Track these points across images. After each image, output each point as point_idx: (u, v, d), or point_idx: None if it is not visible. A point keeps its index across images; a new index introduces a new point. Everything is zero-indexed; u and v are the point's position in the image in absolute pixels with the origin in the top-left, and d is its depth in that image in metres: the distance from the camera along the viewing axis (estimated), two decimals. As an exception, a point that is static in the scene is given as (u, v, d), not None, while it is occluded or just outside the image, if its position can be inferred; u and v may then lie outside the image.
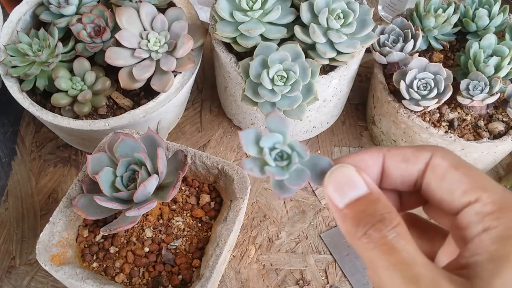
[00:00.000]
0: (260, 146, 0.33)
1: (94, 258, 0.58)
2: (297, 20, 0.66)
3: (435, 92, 0.65)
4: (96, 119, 0.68)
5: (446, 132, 0.68)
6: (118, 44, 0.67)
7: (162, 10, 0.71)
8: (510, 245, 0.27)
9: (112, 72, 0.69)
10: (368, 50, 0.72)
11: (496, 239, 0.28)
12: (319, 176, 0.33)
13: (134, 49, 0.68)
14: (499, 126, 0.68)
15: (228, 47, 0.69)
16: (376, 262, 0.28)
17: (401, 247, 0.28)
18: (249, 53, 0.66)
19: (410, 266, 0.28)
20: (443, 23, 0.71)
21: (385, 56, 0.70)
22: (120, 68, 0.68)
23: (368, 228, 0.29)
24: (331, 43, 0.64)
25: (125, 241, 0.59)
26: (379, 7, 0.92)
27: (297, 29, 0.64)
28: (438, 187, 0.32)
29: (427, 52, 0.75)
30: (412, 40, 0.68)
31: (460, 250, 0.30)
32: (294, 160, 0.33)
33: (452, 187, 0.31)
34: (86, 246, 0.59)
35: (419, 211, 0.36)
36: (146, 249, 0.59)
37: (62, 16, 0.70)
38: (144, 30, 0.69)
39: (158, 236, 0.60)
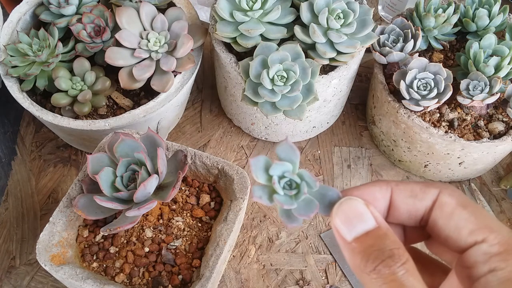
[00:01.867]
0: (269, 174, 0.33)
1: (94, 258, 0.58)
2: (297, 20, 0.66)
3: (435, 92, 0.65)
4: (96, 119, 0.68)
5: (446, 132, 0.68)
6: (118, 44, 0.67)
7: (162, 10, 0.71)
8: None
9: (112, 72, 0.69)
10: (368, 50, 0.72)
11: (502, 280, 0.28)
12: (327, 207, 0.33)
13: (134, 49, 0.68)
14: (499, 126, 0.68)
15: (228, 47, 0.69)
16: None
17: (409, 284, 0.28)
18: (249, 53, 0.66)
19: None
20: (443, 23, 0.71)
21: (385, 56, 0.70)
22: (120, 68, 0.68)
23: (378, 264, 0.29)
24: (331, 43, 0.64)
25: (125, 241, 0.59)
26: (379, 7, 0.92)
27: (297, 29, 0.64)
28: (445, 225, 0.32)
29: (427, 52, 0.75)
30: (412, 40, 0.68)
31: None
32: (303, 189, 0.33)
33: (459, 225, 0.31)
34: (86, 246, 0.59)
35: (420, 245, 0.37)
36: (146, 249, 0.59)
37: (62, 16, 0.70)
38: (144, 30, 0.69)
39: (158, 236, 0.60)
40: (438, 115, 0.69)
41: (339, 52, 0.64)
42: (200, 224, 0.61)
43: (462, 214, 0.31)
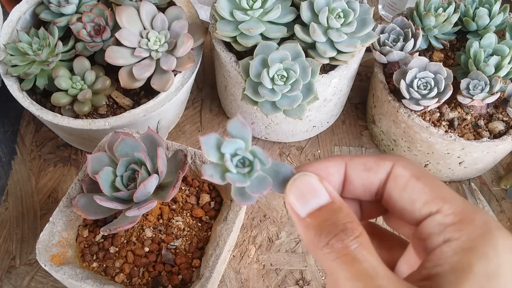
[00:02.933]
0: (221, 152, 0.32)
1: (94, 258, 0.58)
2: (297, 19, 0.66)
3: (435, 91, 0.65)
4: (96, 118, 0.68)
5: (446, 131, 0.68)
6: (118, 43, 0.67)
7: (162, 9, 0.71)
8: (472, 257, 0.27)
9: (112, 71, 0.69)
10: (368, 49, 0.72)
11: (457, 250, 0.28)
12: (281, 184, 0.33)
13: (134, 48, 0.68)
14: (499, 126, 0.68)
15: (228, 46, 0.69)
16: (338, 273, 0.28)
17: (363, 258, 0.28)
18: (249, 52, 0.66)
19: (372, 278, 0.27)
20: (443, 22, 0.70)
21: (385, 55, 0.69)
22: (120, 67, 0.68)
23: (331, 238, 0.29)
24: (331, 42, 0.64)
25: (125, 241, 0.59)
26: (379, 6, 0.92)
27: (297, 28, 0.64)
28: (399, 197, 0.32)
29: (428, 52, 0.75)
30: (412, 39, 0.68)
31: (421, 261, 0.30)
32: (256, 167, 0.32)
33: (413, 197, 0.31)
34: (86, 246, 0.59)
35: (378, 220, 0.36)
36: (146, 249, 0.59)
37: (62, 15, 0.70)
38: (144, 29, 0.69)
39: (158, 236, 0.60)
40: (438, 114, 0.69)
41: (339, 51, 0.64)
42: (200, 224, 0.61)
43: (416, 185, 0.31)
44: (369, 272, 0.27)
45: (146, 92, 0.71)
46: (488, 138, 0.68)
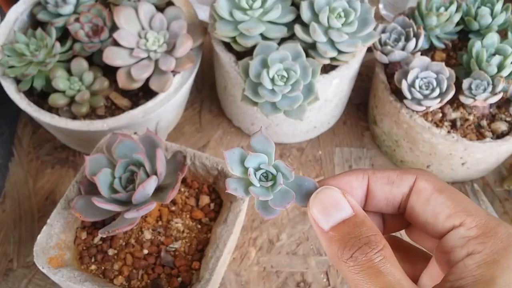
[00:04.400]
0: (245, 166, 0.33)
1: (93, 260, 0.58)
2: (298, 19, 0.66)
3: (437, 91, 0.65)
4: (94, 119, 0.68)
5: (448, 132, 0.67)
6: (116, 43, 0.67)
7: (160, 9, 0.70)
8: (495, 270, 0.28)
9: (110, 72, 0.69)
10: (369, 49, 0.71)
11: (481, 263, 0.28)
12: (304, 197, 0.33)
13: (133, 49, 0.67)
14: (502, 126, 0.68)
15: (227, 46, 0.69)
16: (362, 286, 0.28)
17: (387, 271, 0.28)
18: (249, 52, 0.65)
19: None
20: (445, 21, 0.70)
21: (386, 55, 0.69)
22: (118, 68, 0.67)
23: (354, 251, 0.29)
24: (332, 42, 0.64)
25: (124, 243, 0.59)
26: (380, 6, 0.92)
27: (297, 28, 0.64)
28: (422, 211, 0.32)
29: (429, 51, 0.74)
30: (414, 39, 0.68)
31: (444, 274, 0.30)
32: (279, 181, 0.33)
33: (436, 210, 0.31)
34: (84, 248, 0.58)
35: (400, 233, 0.36)
36: (145, 251, 0.58)
37: (59, 15, 0.69)
38: (143, 29, 0.68)
39: (157, 238, 0.59)
40: (441, 115, 0.69)
41: (340, 52, 0.64)
42: (199, 226, 0.61)
43: (439, 199, 0.31)
44: (393, 285, 0.28)
45: (145, 93, 0.71)
46: (491, 138, 0.67)
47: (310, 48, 0.65)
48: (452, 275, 0.29)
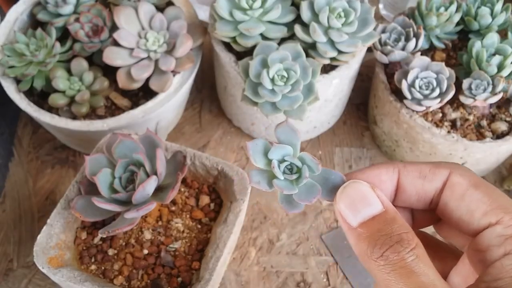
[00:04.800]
0: (268, 158, 0.31)
1: (93, 260, 0.58)
2: (298, 19, 0.66)
3: (437, 91, 0.65)
4: (94, 119, 0.68)
5: (448, 132, 0.67)
6: (116, 43, 0.67)
7: (160, 9, 0.70)
8: None
9: (110, 72, 0.69)
10: (369, 49, 0.71)
11: None
12: (330, 191, 0.32)
13: (133, 49, 0.67)
14: (502, 126, 0.68)
15: (227, 46, 0.68)
16: (393, 286, 0.27)
17: (420, 271, 0.27)
18: (249, 52, 0.65)
19: None
20: (445, 21, 0.70)
21: (386, 55, 0.69)
22: (118, 68, 0.67)
23: (385, 250, 0.28)
24: (332, 42, 0.64)
25: (124, 243, 0.59)
26: (380, 6, 0.92)
27: (297, 28, 0.64)
28: (457, 207, 0.31)
29: (429, 51, 0.74)
30: (414, 39, 0.68)
31: (478, 273, 0.29)
32: (304, 174, 0.31)
33: (471, 207, 0.30)
34: (84, 248, 0.58)
35: (428, 228, 0.35)
36: (145, 251, 0.58)
37: (59, 15, 0.69)
38: (143, 29, 0.68)
39: (157, 238, 0.59)
40: (441, 115, 0.68)
41: (340, 52, 0.64)
42: (199, 226, 0.61)
43: (474, 194, 0.30)
44: (427, 286, 0.27)
45: (145, 93, 0.71)
46: (491, 138, 0.67)
47: (310, 48, 0.65)
48: (488, 275, 0.28)
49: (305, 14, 0.64)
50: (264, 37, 0.65)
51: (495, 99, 0.65)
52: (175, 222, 0.60)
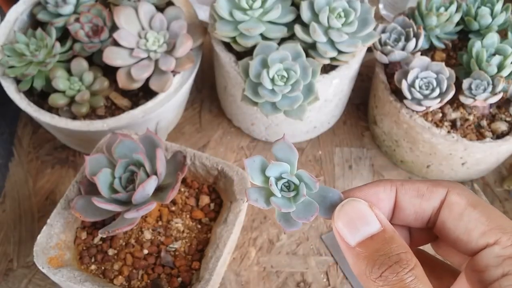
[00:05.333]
0: (266, 175, 0.31)
1: (93, 260, 0.58)
2: (298, 19, 0.66)
3: (437, 91, 0.65)
4: (94, 119, 0.68)
5: (448, 132, 0.67)
6: (116, 43, 0.67)
7: (160, 9, 0.70)
8: None
9: (110, 72, 0.68)
10: (369, 49, 0.71)
11: None
12: (328, 209, 0.32)
13: (133, 49, 0.67)
14: (502, 126, 0.68)
15: (227, 46, 0.68)
16: None
17: None
18: (249, 52, 0.65)
19: None
20: (445, 21, 0.70)
21: (386, 55, 0.69)
22: (118, 68, 0.67)
23: (384, 270, 0.27)
24: (332, 42, 0.64)
25: (124, 243, 0.59)
26: (380, 6, 0.92)
27: (297, 28, 0.64)
28: (454, 226, 0.30)
29: (429, 51, 0.74)
30: (414, 39, 0.68)
31: None
32: (302, 191, 0.31)
33: (469, 227, 0.30)
34: (84, 248, 0.58)
35: (425, 246, 0.35)
36: (145, 251, 0.58)
37: (59, 15, 0.69)
38: (143, 29, 0.68)
39: (157, 238, 0.59)
40: (441, 115, 0.68)
41: (340, 52, 0.64)
42: (199, 226, 0.61)
43: (472, 214, 0.30)
44: None
45: (145, 93, 0.71)
46: (491, 138, 0.67)
47: (310, 48, 0.65)
48: None
49: (305, 14, 0.64)
50: (264, 37, 0.65)
51: (495, 99, 0.65)
52: (175, 222, 0.60)
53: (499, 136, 0.68)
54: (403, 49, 0.68)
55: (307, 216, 0.31)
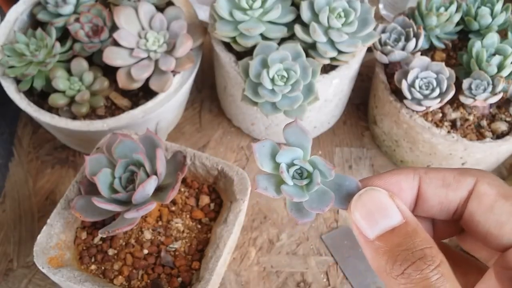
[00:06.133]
0: (276, 162, 0.29)
1: (93, 260, 0.58)
2: (298, 19, 0.66)
3: (437, 91, 0.65)
4: (94, 119, 0.68)
5: (448, 132, 0.67)
6: (116, 43, 0.67)
7: (160, 9, 0.70)
8: None
9: (110, 72, 0.68)
10: (369, 49, 0.71)
11: None
12: (344, 199, 0.29)
13: (133, 49, 0.67)
14: (502, 126, 0.68)
15: (227, 46, 0.68)
16: None
17: None
18: (249, 52, 0.65)
19: None
20: (445, 21, 0.70)
21: (386, 55, 0.69)
22: (118, 68, 0.67)
23: (407, 267, 0.25)
24: (332, 42, 0.64)
25: (124, 243, 0.58)
26: (380, 6, 0.92)
27: (297, 28, 0.64)
28: (484, 219, 0.28)
29: (429, 51, 0.74)
30: (414, 39, 0.68)
31: None
32: (316, 179, 0.28)
33: (501, 220, 0.28)
34: (84, 248, 0.58)
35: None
36: (145, 251, 0.58)
37: (59, 15, 0.69)
38: (143, 29, 0.68)
39: (157, 238, 0.59)
40: (441, 115, 0.68)
41: (340, 52, 0.64)
42: (199, 226, 0.61)
43: (505, 206, 0.28)
44: None
45: (145, 93, 0.71)
46: (491, 138, 0.67)
47: (310, 48, 0.65)
48: None
49: (305, 14, 0.64)
50: (264, 37, 0.65)
51: (495, 99, 0.65)
52: (175, 222, 0.60)
53: (499, 136, 0.68)
54: (403, 49, 0.68)
55: (321, 206, 0.28)
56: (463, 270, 0.32)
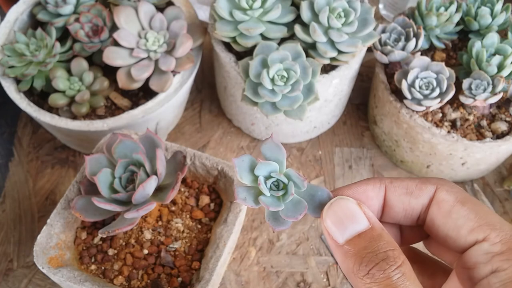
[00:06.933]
0: (255, 175, 0.32)
1: (93, 260, 0.58)
2: (298, 19, 0.66)
3: (437, 91, 0.65)
4: (94, 119, 0.68)
5: (448, 132, 0.67)
6: (116, 43, 0.67)
7: (160, 9, 0.70)
8: None
9: (110, 72, 0.69)
10: (369, 49, 0.71)
11: (506, 281, 0.27)
12: (317, 208, 0.32)
13: (133, 49, 0.67)
14: (502, 126, 0.68)
15: (227, 46, 0.68)
16: None
17: None
18: (249, 52, 0.65)
19: None
20: (445, 21, 0.70)
21: (386, 55, 0.69)
22: (118, 68, 0.67)
23: (371, 267, 0.27)
24: (332, 42, 0.64)
25: (124, 243, 0.58)
26: (380, 6, 0.92)
27: (297, 28, 0.64)
28: (443, 223, 0.30)
29: (429, 51, 0.74)
30: (414, 39, 0.68)
31: None
32: (290, 190, 0.31)
33: (458, 224, 0.30)
34: (84, 248, 0.58)
35: (419, 245, 0.35)
36: (145, 251, 0.58)
37: (59, 15, 0.69)
38: (143, 29, 0.68)
39: (157, 238, 0.59)
40: (441, 115, 0.68)
41: (340, 52, 0.64)
42: (199, 226, 0.61)
43: (461, 211, 0.30)
44: None
45: (145, 93, 0.71)
46: (491, 138, 0.67)
47: (310, 48, 0.65)
48: None
49: (305, 14, 0.64)
50: (264, 37, 0.65)
51: (495, 99, 0.65)
52: (175, 222, 0.60)
53: (499, 136, 0.68)
54: (403, 49, 0.68)
55: (295, 215, 0.31)
56: (431, 272, 0.35)
